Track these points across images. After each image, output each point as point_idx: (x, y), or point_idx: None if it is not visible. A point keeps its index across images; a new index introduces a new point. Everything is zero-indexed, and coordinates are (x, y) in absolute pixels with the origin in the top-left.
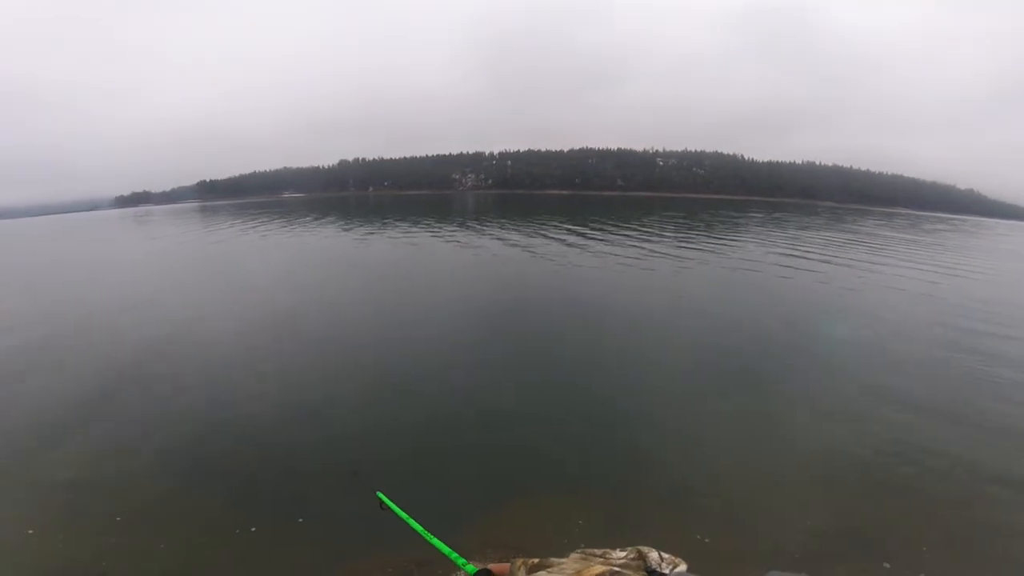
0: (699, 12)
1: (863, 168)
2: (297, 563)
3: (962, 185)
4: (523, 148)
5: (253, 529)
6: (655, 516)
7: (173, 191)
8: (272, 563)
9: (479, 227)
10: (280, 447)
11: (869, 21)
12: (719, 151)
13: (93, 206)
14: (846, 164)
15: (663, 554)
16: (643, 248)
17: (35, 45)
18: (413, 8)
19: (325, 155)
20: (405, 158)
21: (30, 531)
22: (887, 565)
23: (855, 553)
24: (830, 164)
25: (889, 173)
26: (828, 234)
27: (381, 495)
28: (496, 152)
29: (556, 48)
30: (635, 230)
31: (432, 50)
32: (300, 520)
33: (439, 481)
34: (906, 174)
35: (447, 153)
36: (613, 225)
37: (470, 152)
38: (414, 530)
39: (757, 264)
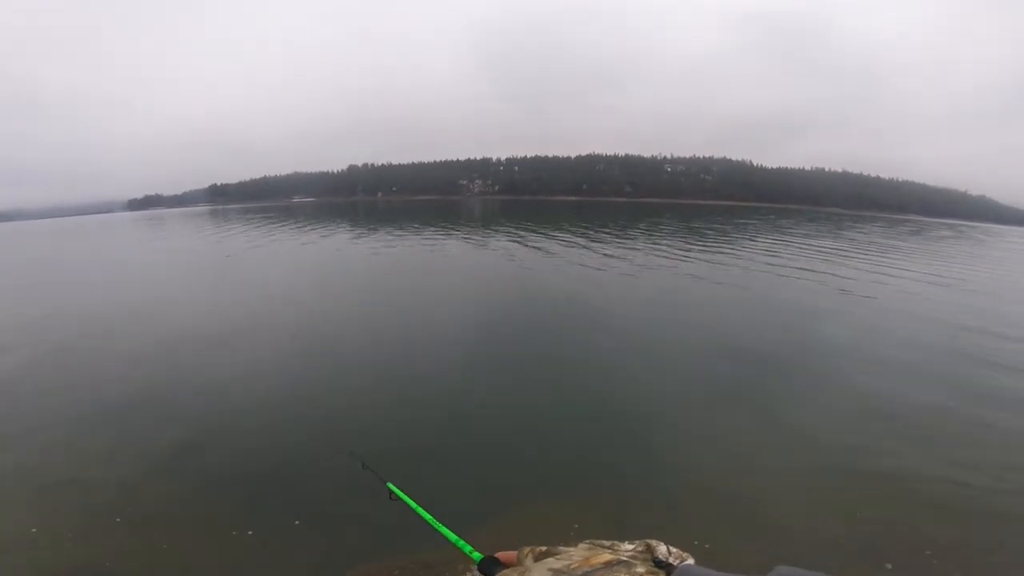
0: (703, 17)
1: (873, 174)
2: (299, 566)
3: (974, 191)
4: (530, 154)
5: (250, 532)
6: (660, 521)
7: (184, 195)
8: (273, 567)
9: (489, 233)
10: (283, 448)
11: (877, 25)
12: (728, 157)
13: (107, 209)
14: (855, 170)
15: (671, 548)
16: (654, 255)
17: (48, 49)
18: (416, 12)
19: (334, 160)
20: (413, 163)
21: (33, 529)
22: (889, 566)
23: (857, 555)
24: (839, 170)
25: (900, 179)
26: (827, 242)
27: (391, 485)
28: (503, 158)
29: (560, 53)
30: (649, 236)
31: (437, 54)
32: (297, 523)
33: (444, 485)
34: (917, 180)
35: (454, 159)
36: (631, 231)
37: (477, 158)
38: (423, 519)
39: (762, 271)
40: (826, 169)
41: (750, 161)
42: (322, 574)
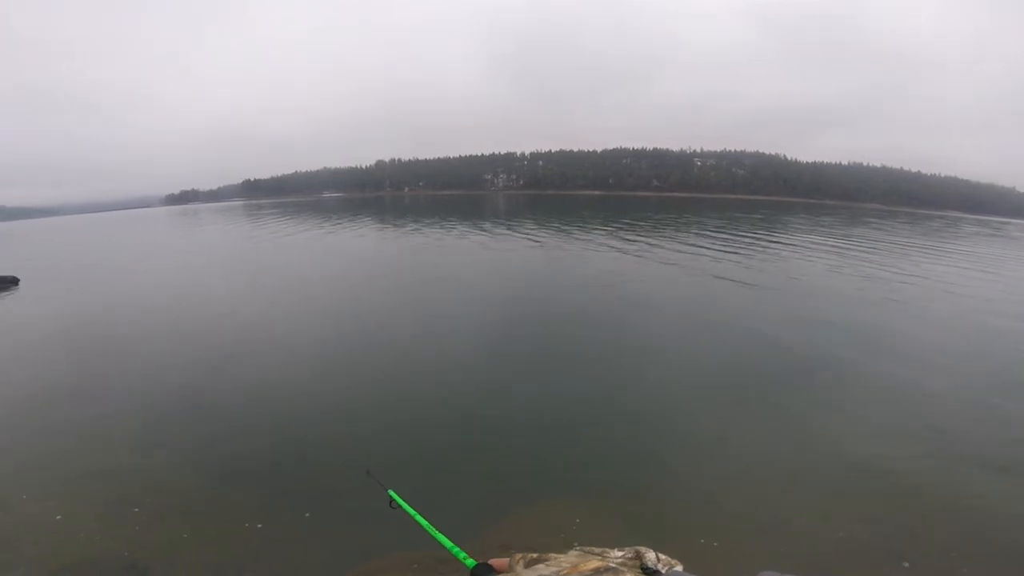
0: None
1: (913, 170)
2: (315, 558)
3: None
4: (555, 149)
5: (260, 525)
6: (670, 521)
7: (219, 189)
8: (288, 559)
9: (515, 229)
10: (296, 445)
11: (915, 11)
12: (760, 151)
13: (144, 204)
14: (895, 165)
15: (660, 555)
16: (653, 251)
17: (89, 48)
18: (438, 7)
19: (362, 156)
20: (439, 159)
21: (58, 516)
22: (906, 564)
23: (875, 555)
24: (878, 165)
25: (942, 175)
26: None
27: (392, 493)
28: (527, 153)
29: (583, 46)
30: (660, 234)
31: (461, 51)
32: (307, 515)
33: (447, 485)
34: (961, 176)
35: (479, 154)
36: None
37: (502, 153)
38: (422, 526)
39: (771, 273)
40: (864, 164)
41: (783, 155)
42: (338, 567)
